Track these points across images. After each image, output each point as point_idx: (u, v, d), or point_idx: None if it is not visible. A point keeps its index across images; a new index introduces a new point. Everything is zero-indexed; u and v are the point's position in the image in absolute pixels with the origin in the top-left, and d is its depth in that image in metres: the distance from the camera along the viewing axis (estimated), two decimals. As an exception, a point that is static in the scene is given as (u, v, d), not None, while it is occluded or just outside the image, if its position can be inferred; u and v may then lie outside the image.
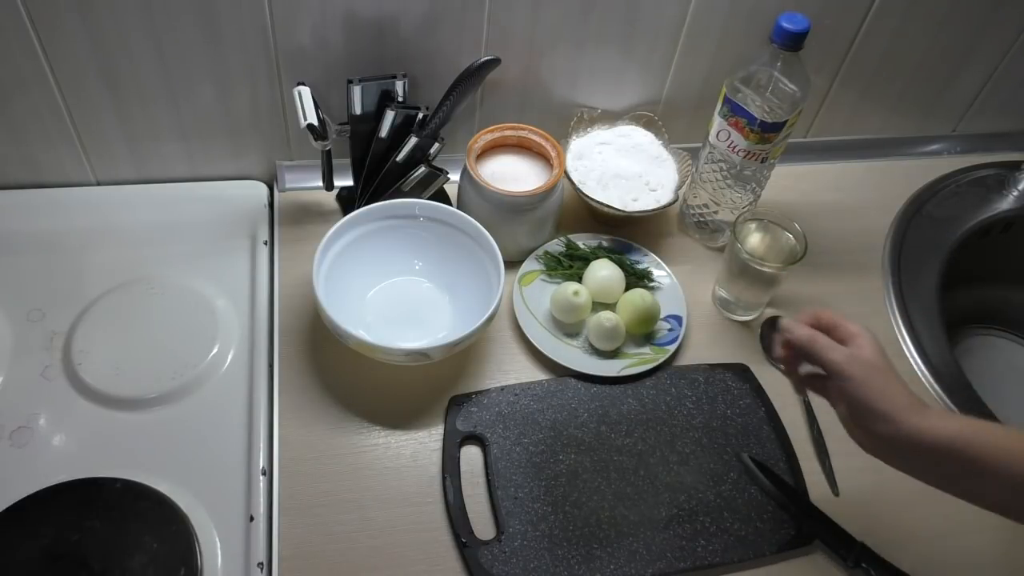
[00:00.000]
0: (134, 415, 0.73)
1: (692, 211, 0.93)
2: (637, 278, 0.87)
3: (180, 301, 0.81)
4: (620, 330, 0.80)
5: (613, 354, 0.82)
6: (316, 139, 0.79)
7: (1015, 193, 1.04)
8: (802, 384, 0.64)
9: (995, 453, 0.52)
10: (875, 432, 0.57)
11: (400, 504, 0.70)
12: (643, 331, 0.83)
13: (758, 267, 0.80)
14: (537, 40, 0.87)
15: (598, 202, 0.87)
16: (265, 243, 0.87)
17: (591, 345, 0.82)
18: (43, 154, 0.86)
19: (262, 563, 0.65)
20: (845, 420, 0.60)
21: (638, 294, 0.82)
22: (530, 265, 0.88)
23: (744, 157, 0.83)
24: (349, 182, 0.91)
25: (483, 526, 0.69)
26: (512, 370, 0.81)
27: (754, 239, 0.85)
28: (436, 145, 0.85)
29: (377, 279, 0.83)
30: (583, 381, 0.80)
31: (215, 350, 0.78)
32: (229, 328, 0.80)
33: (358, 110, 0.82)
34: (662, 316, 0.83)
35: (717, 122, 0.84)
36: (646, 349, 0.83)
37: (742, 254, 0.80)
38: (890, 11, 0.92)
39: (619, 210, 0.87)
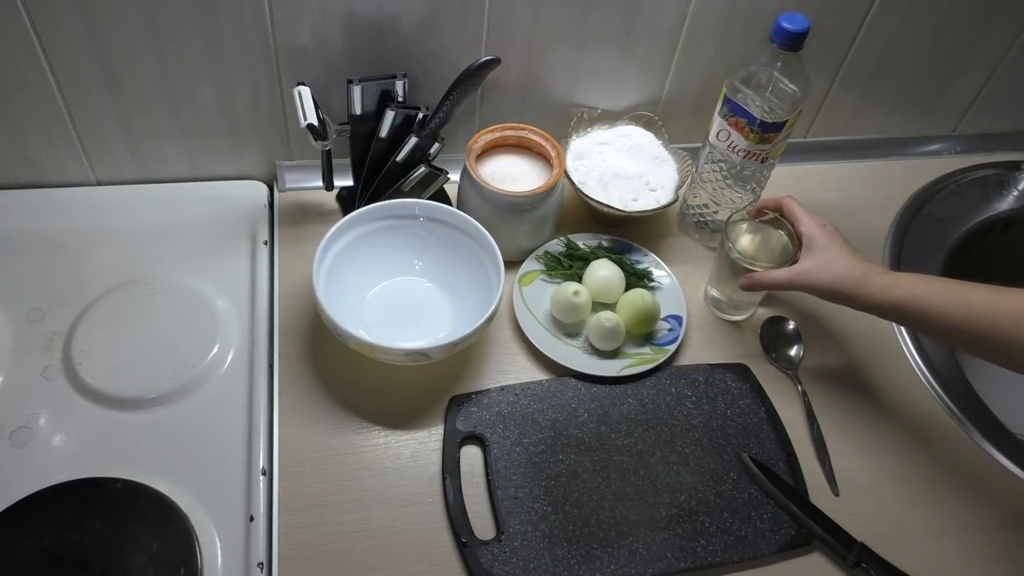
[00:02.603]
0: (134, 415, 0.73)
1: (692, 211, 0.93)
2: (637, 278, 0.87)
3: (180, 301, 0.81)
4: (620, 330, 0.80)
5: (613, 354, 0.82)
6: (316, 139, 0.79)
7: (1015, 193, 1.04)
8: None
9: (930, 309, 0.68)
10: (842, 304, 0.74)
11: (400, 504, 0.70)
12: (643, 331, 0.83)
13: (750, 267, 0.80)
14: (537, 40, 0.87)
15: (598, 202, 0.87)
16: (265, 243, 0.87)
17: (591, 345, 0.82)
18: (43, 154, 0.86)
19: (262, 563, 0.65)
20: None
21: (638, 294, 0.82)
22: (530, 265, 0.88)
23: (744, 157, 0.83)
24: (349, 182, 0.91)
25: (483, 526, 0.69)
26: (512, 370, 0.81)
27: (745, 239, 0.85)
28: (436, 145, 0.85)
29: (377, 279, 0.83)
30: (583, 381, 0.80)
31: (215, 350, 0.78)
32: (229, 328, 0.80)
33: (358, 110, 0.82)
34: (662, 316, 0.83)
35: (717, 122, 0.84)
36: (646, 349, 0.83)
37: (733, 254, 0.80)
38: (890, 11, 0.92)
39: (619, 210, 0.87)
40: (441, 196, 0.91)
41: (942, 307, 0.67)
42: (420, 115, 0.83)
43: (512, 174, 0.86)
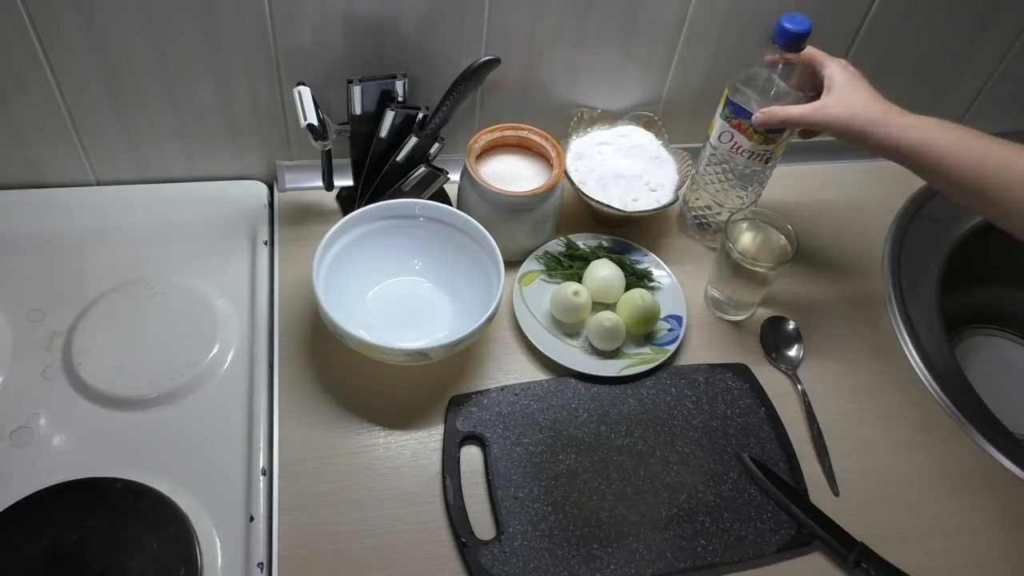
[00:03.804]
0: (134, 415, 0.73)
1: (693, 212, 0.93)
2: (637, 278, 0.87)
3: (180, 301, 0.81)
4: (620, 330, 0.80)
5: (613, 354, 0.82)
6: (316, 139, 0.79)
7: (1015, 193, 1.04)
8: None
9: (944, 156, 0.67)
10: (855, 144, 0.73)
11: (400, 504, 0.70)
12: (643, 331, 0.83)
13: (750, 267, 0.80)
14: (537, 40, 0.87)
15: (598, 202, 0.87)
16: (265, 243, 0.87)
17: (591, 345, 0.82)
18: (43, 154, 0.86)
19: (262, 563, 0.65)
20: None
21: (638, 294, 0.82)
22: (530, 265, 0.88)
23: (748, 158, 0.83)
24: (349, 182, 0.91)
25: (483, 526, 0.69)
26: (512, 370, 0.81)
27: (746, 239, 0.85)
28: (436, 145, 0.85)
29: (377, 279, 0.83)
30: (583, 381, 0.80)
31: (215, 350, 0.78)
32: (229, 328, 0.80)
33: (358, 110, 0.82)
34: (662, 316, 0.83)
35: (719, 124, 0.83)
36: (646, 349, 0.83)
37: (734, 254, 0.80)
38: (890, 11, 0.92)
39: (619, 210, 0.87)
40: (441, 196, 0.91)
41: (957, 156, 0.66)
42: (420, 115, 0.83)
43: (512, 174, 0.87)
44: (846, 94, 0.73)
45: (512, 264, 0.85)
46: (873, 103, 0.72)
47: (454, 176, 0.87)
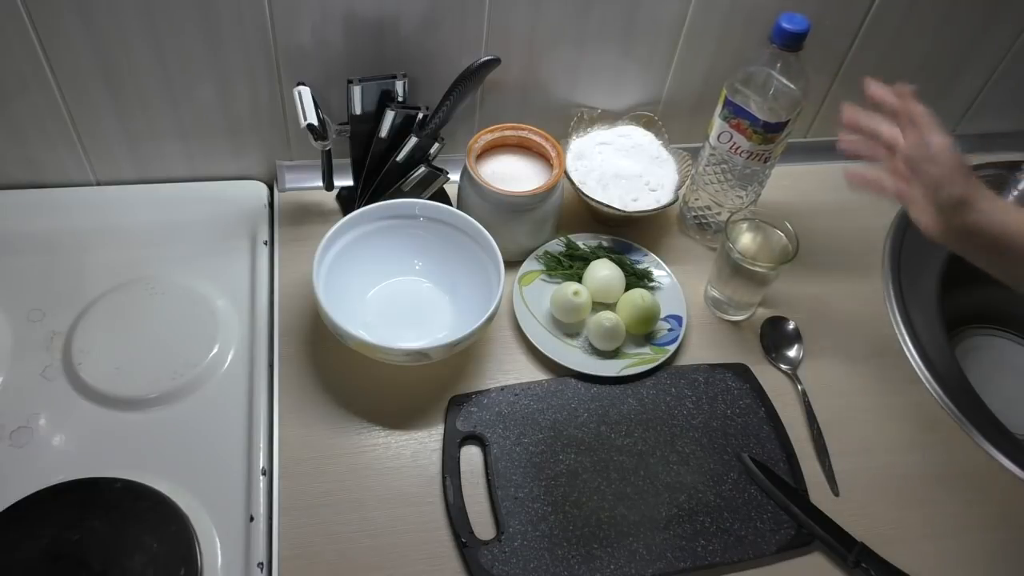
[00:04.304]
0: (134, 415, 0.73)
1: (693, 212, 0.93)
2: (637, 278, 0.87)
3: (180, 301, 0.81)
4: (620, 330, 0.80)
5: (613, 354, 0.82)
6: (316, 139, 0.79)
7: (1015, 193, 1.04)
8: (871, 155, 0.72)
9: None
10: (949, 215, 0.63)
11: (400, 504, 0.70)
12: (643, 331, 0.83)
13: (750, 267, 0.80)
14: (537, 40, 0.87)
15: (598, 202, 0.87)
16: (265, 243, 0.87)
17: (591, 345, 0.82)
18: (43, 154, 0.86)
19: (262, 563, 0.65)
20: (917, 202, 0.66)
21: (638, 294, 0.82)
22: (530, 265, 0.88)
23: (747, 158, 0.83)
24: (349, 182, 0.91)
25: (483, 526, 0.69)
26: (512, 370, 0.81)
27: (746, 239, 0.85)
28: (436, 145, 0.85)
29: (377, 279, 0.83)
30: (583, 381, 0.80)
31: (215, 350, 0.78)
32: (229, 328, 0.80)
33: (358, 110, 0.82)
34: (662, 316, 0.83)
35: (718, 124, 0.83)
36: (646, 349, 0.83)
37: (734, 254, 0.80)
38: (890, 11, 0.92)
39: (619, 210, 0.87)
40: (441, 196, 0.91)
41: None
42: (420, 115, 0.83)
43: (512, 174, 0.87)
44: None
45: (512, 264, 0.85)
46: (975, 182, 0.65)
47: (454, 176, 0.87)
